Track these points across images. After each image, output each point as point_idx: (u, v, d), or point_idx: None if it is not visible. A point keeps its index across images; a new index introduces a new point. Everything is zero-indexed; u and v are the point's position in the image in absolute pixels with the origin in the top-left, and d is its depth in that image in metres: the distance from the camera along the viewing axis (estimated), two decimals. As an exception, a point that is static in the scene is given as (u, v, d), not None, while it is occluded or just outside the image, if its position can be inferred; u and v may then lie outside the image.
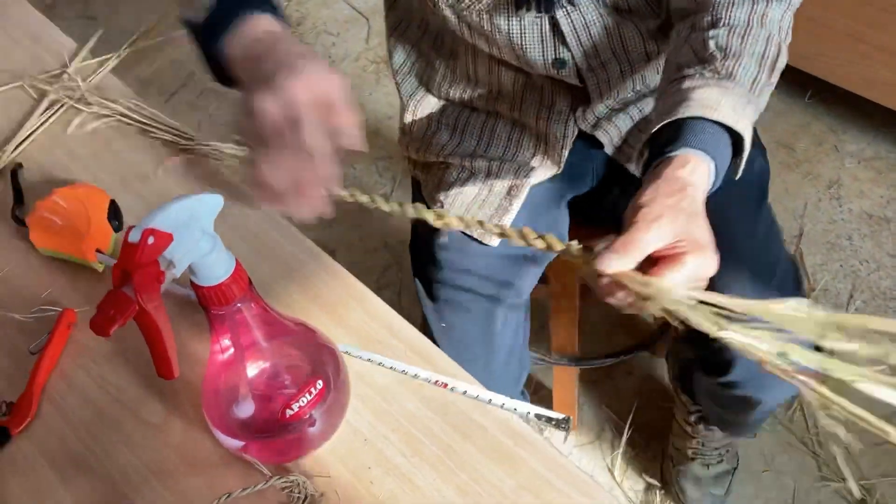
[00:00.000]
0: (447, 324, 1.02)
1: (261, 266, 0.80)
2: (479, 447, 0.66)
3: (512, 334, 1.06)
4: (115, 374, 0.73)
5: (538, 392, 1.58)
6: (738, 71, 0.74)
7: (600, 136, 0.98)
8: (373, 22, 2.51)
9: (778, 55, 0.78)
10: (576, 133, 0.99)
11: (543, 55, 0.90)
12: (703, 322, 0.56)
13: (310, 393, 0.62)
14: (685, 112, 0.70)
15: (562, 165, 1.01)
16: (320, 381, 0.63)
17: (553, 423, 0.67)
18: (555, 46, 0.90)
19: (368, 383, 0.70)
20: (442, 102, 1.06)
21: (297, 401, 0.62)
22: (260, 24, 0.65)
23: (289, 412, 0.62)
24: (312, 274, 0.79)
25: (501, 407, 0.68)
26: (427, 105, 1.06)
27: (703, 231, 0.63)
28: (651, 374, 1.58)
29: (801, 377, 0.53)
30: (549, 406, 1.52)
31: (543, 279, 1.28)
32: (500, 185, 1.00)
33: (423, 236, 1.03)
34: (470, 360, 1.02)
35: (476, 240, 0.97)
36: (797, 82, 2.04)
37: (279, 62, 0.60)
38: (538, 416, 0.67)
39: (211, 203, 0.54)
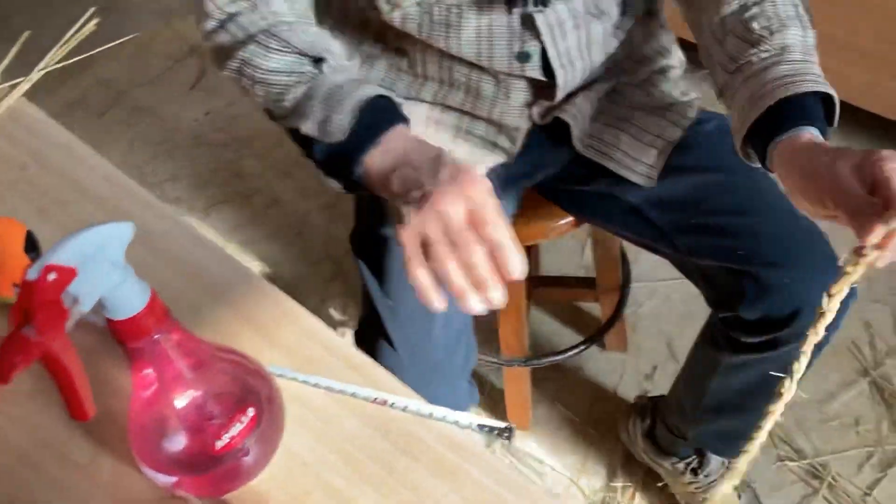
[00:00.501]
0: (395, 301, 0.99)
1: (189, 291, 0.77)
2: (422, 463, 0.64)
3: (461, 314, 1.04)
4: (38, 414, 0.69)
5: (491, 394, 1.57)
6: (789, 40, 0.79)
7: (569, 119, 0.98)
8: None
9: (807, 4, 0.83)
10: (530, 126, 0.99)
11: (509, 48, 0.90)
12: None
13: (240, 422, 0.60)
14: (769, 100, 0.74)
15: (514, 156, 1.00)
16: (251, 409, 0.61)
17: (496, 432, 0.66)
18: (522, 40, 0.89)
19: (305, 405, 0.68)
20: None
21: (228, 431, 0.59)
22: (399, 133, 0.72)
23: (219, 444, 0.59)
24: (243, 295, 0.76)
25: (443, 420, 0.66)
26: None
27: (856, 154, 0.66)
28: (602, 367, 1.59)
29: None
30: (503, 408, 1.51)
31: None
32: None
33: (368, 222, 1.01)
34: (417, 342, 1.00)
35: None
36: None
37: (419, 169, 0.67)
38: (481, 427, 0.66)
39: (120, 232, 0.51)
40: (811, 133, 0.72)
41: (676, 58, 1.06)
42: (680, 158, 1.00)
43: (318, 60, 0.77)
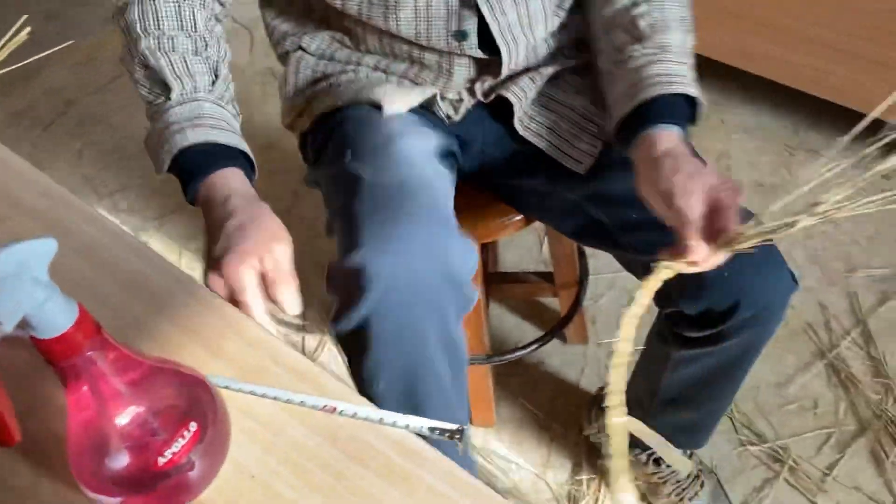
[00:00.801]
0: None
1: (131, 304, 0.75)
2: (373, 470, 0.63)
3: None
4: (-26, 438, 0.67)
5: (455, 393, 1.56)
6: (670, 40, 0.87)
7: (512, 97, 0.99)
8: (255, 34, 2.45)
9: (691, 11, 0.92)
10: (473, 103, 1.00)
11: (447, 27, 0.91)
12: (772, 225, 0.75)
13: (183, 437, 0.58)
14: (644, 94, 0.85)
15: (455, 123, 1.02)
16: (194, 424, 0.59)
17: (448, 434, 0.65)
18: (460, 18, 0.91)
19: (252, 416, 0.67)
20: (324, 60, 1.05)
21: (170, 447, 0.58)
22: (228, 180, 0.80)
23: (162, 460, 0.57)
24: (185, 306, 0.74)
25: (393, 425, 0.65)
26: (309, 63, 1.05)
27: (710, 175, 0.78)
28: (563, 361, 1.59)
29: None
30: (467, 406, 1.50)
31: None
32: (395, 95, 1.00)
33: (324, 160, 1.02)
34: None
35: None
36: (679, 60, 2.09)
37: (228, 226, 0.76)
38: (432, 430, 0.65)
39: (42, 248, 0.49)
40: (671, 130, 0.83)
41: None
42: (618, 151, 1.00)
43: (168, 88, 0.84)
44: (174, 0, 0.87)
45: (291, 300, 0.74)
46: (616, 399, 0.71)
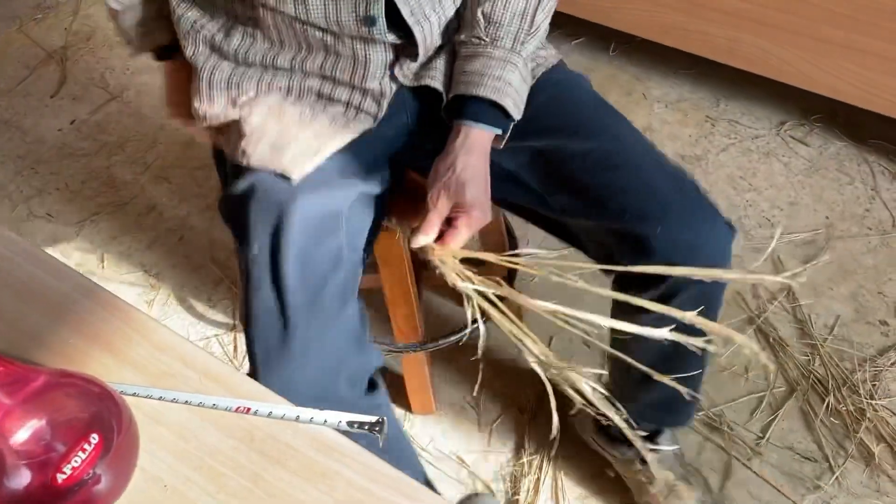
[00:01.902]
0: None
1: (28, 314, 0.71)
2: (291, 469, 0.61)
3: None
4: None
5: (393, 382, 1.55)
6: (501, 33, 0.92)
7: (437, 85, 0.98)
8: (170, 26, 2.37)
9: (538, 4, 0.94)
10: (394, 89, 0.97)
11: (355, 12, 0.89)
12: (451, 274, 0.88)
13: (83, 450, 0.55)
14: (455, 90, 0.93)
15: (379, 119, 0.98)
16: (95, 436, 0.56)
17: (367, 427, 0.63)
18: (366, 3, 0.89)
19: (162, 423, 0.64)
20: (241, 67, 1.00)
21: (70, 462, 0.55)
22: None
23: (62, 476, 0.54)
24: (88, 312, 0.71)
25: (310, 422, 0.63)
26: (222, 70, 1.00)
27: (474, 193, 0.90)
28: (500, 342, 1.58)
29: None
30: (405, 394, 1.49)
31: (374, 268, 1.24)
32: (308, 132, 0.96)
33: (227, 183, 1.00)
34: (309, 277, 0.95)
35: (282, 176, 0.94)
36: (600, 37, 2.10)
37: None
38: (350, 424, 0.63)
39: None
40: (479, 129, 0.92)
41: None
42: (545, 119, 0.99)
43: None
44: None
45: None
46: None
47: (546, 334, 1.59)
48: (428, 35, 0.95)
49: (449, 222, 0.93)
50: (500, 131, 0.95)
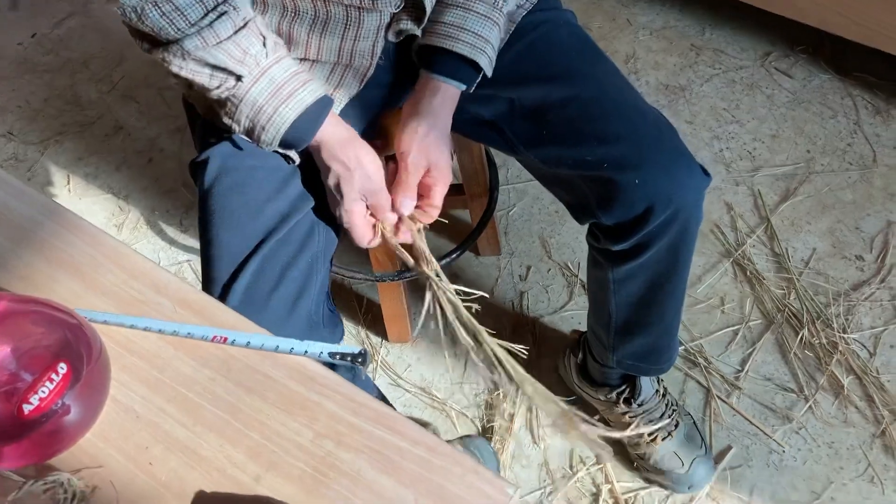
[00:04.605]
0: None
1: (-10, 237, 0.67)
2: (270, 401, 0.59)
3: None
4: None
5: (370, 310, 1.54)
6: None
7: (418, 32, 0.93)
8: None
9: None
10: (382, 47, 0.93)
11: None
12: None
13: (51, 380, 0.53)
14: (430, 39, 0.90)
15: (365, 81, 0.94)
16: (63, 365, 0.54)
17: (349, 358, 0.61)
18: None
19: (135, 352, 0.61)
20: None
21: (36, 392, 0.52)
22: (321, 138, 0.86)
23: (28, 407, 0.52)
24: (54, 235, 0.67)
25: (290, 352, 0.61)
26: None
27: (448, 154, 0.90)
28: (477, 273, 1.57)
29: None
30: (382, 322, 1.48)
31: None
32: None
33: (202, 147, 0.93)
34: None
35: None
36: (585, -41, 2.03)
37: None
38: (332, 354, 0.61)
39: None
40: (452, 84, 0.90)
41: None
42: (525, 67, 0.96)
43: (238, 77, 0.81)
44: None
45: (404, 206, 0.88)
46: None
47: (524, 265, 1.58)
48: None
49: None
50: (470, 87, 0.93)
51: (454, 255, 1.41)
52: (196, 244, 1.61)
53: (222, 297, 0.83)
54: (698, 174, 0.95)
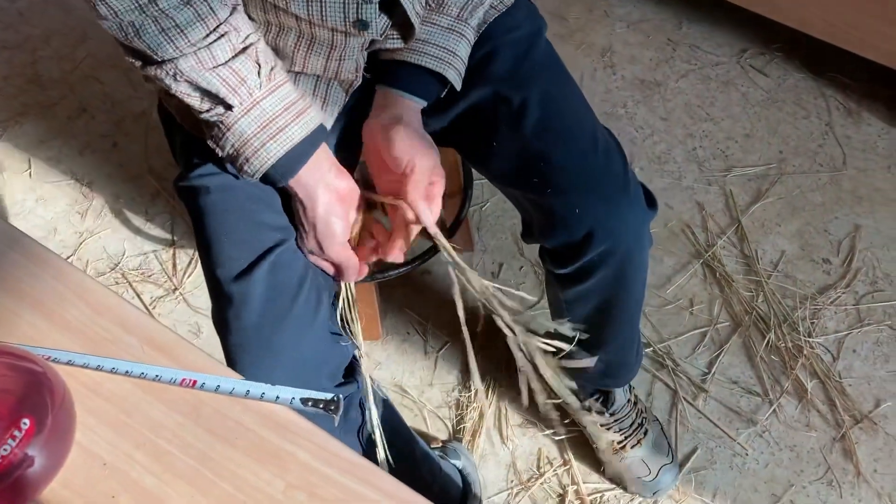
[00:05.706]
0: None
1: (-52, 266, 0.65)
2: (241, 449, 0.58)
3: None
4: None
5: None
6: (449, 1, 0.88)
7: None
8: None
9: None
10: (365, 59, 0.90)
11: (345, 14, 0.81)
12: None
13: (13, 437, 0.51)
14: (400, 56, 0.88)
15: (350, 92, 0.91)
16: (27, 420, 0.52)
17: (321, 405, 0.60)
18: (357, 7, 0.80)
19: (101, 394, 0.60)
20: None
21: (1, 448, 0.51)
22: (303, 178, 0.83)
23: (-8, 465, 0.50)
24: (15, 266, 0.65)
25: (261, 398, 0.60)
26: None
27: (436, 158, 0.86)
28: (448, 273, 1.56)
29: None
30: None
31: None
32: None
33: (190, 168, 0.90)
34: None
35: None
36: (564, -53, 2.00)
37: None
38: (304, 401, 0.60)
39: None
40: (413, 101, 0.88)
41: None
42: (489, 70, 0.95)
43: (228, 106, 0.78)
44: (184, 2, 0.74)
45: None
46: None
47: (497, 262, 1.57)
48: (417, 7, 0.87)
49: None
50: (430, 101, 0.91)
51: (425, 257, 1.40)
52: (162, 235, 1.58)
53: (237, 314, 0.82)
54: (640, 208, 0.95)
